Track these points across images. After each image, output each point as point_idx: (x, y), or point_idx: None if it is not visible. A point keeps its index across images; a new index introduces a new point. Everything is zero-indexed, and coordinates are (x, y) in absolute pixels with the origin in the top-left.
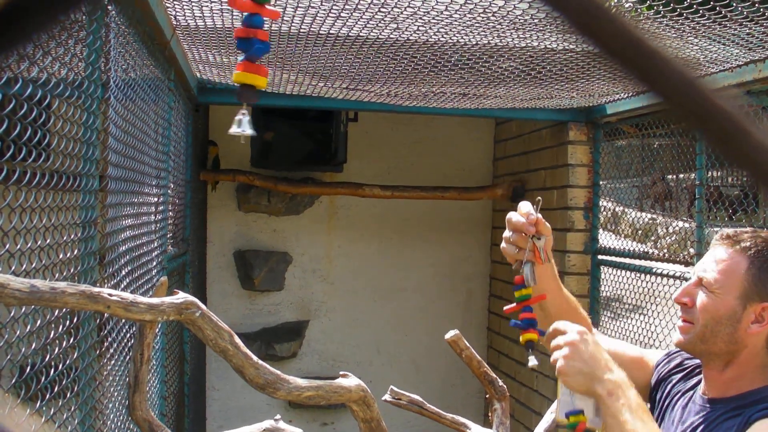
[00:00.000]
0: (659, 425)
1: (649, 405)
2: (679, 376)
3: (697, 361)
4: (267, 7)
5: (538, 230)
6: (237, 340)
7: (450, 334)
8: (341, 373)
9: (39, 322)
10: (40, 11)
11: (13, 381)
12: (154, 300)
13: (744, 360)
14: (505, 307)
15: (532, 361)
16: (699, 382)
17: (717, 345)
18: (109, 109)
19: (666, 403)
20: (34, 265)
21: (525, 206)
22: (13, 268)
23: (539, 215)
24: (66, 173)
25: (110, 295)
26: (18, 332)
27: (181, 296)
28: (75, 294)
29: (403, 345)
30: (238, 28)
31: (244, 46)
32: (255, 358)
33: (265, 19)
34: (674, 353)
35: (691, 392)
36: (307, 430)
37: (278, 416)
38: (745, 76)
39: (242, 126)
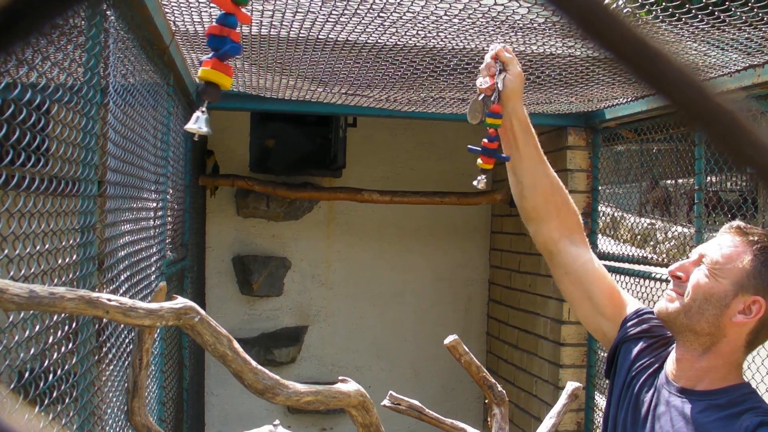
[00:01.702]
0: (612, 392)
1: (605, 367)
2: (644, 344)
3: (661, 331)
4: (242, 10)
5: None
6: (236, 345)
7: (449, 339)
8: (340, 378)
9: (38, 327)
10: (37, 14)
11: (12, 386)
12: (153, 305)
13: (721, 351)
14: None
15: (478, 180)
16: (663, 359)
17: (700, 324)
18: (108, 115)
19: (626, 375)
20: (32, 270)
21: (494, 47)
22: (11, 273)
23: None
24: (65, 178)
25: (109, 300)
26: (17, 338)
27: (180, 301)
28: (74, 299)
29: (403, 350)
30: (212, 25)
31: (216, 43)
32: (254, 363)
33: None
34: (645, 313)
35: (655, 371)
36: None
37: (277, 421)
38: (744, 80)
39: (198, 123)
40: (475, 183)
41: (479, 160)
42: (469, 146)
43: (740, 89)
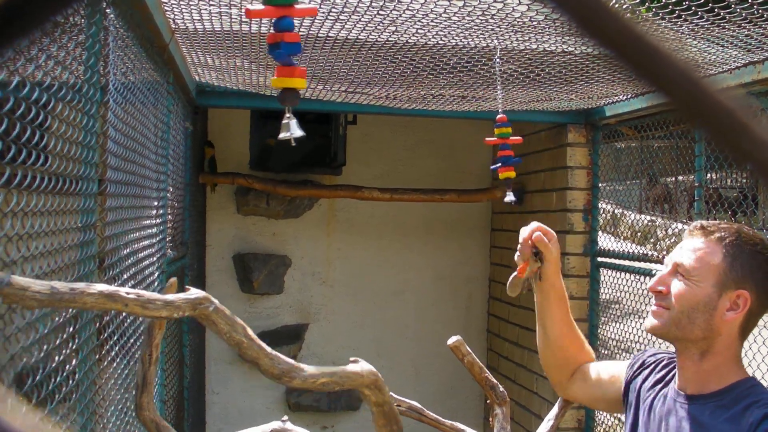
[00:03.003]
0: (633, 426)
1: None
2: (645, 373)
3: (662, 355)
4: (296, 6)
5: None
6: (250, 332)
7: (452, 340)
8: (351, 359)
9: (48, 325)
10: (36, 10)
11: (16, 387)
12: (170, 296)
13: (719, 349)
14: (485, 139)
15: (509, 197)
16: (669, 376)
17: (693, 332)
18: (108, 113)
19: (637, 403)
20: (33, 269)
21: (529, 227)
22: (12, 272)
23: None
24: (65, 176)
25: (127, 293)
26: (20, 340)
27: (194, 292)
28: (94, 294)
29: (403, 348)
30: (270, 33)
31: (273, 51)
32: (269, 348)
33: (294, 20)
34: (637, 357)
35: (663, 388)
36: None
37: (285, 417)
38: (744, 77)
39: (291, 129)
40: (506, 200)
41: (500, 173)
42: (492, 166)
43: (740, 86)
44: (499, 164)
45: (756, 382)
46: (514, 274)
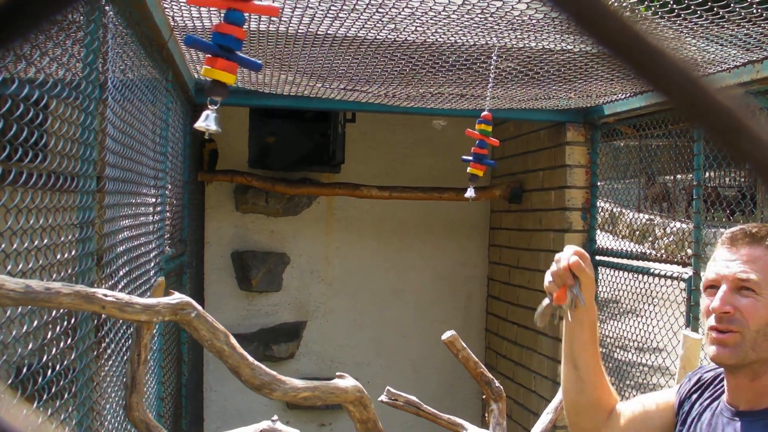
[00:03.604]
0: None
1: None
2: (698, 393)
3: (713, 373)
4: (255, 2)
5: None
6: (233, 340)
7: (446, 335)
8: (338, 374)
9: (36, 322)
10: (35, 10)
11: (10, 381)
12: (150, 300)
13: None
14: (467, 130)
15: (469, 193)
16: (719, 393)
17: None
18: (107, 110)
19: (691, 421)
20: (31, 265)
21: (566, 252)
22: (9, 268)
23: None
24: (63, 174)
25: (105, 295)
26: (14, 333)
27: (177, 297)
28: (70, 294)
29: (402, 346)
30: (219, 23)
31: (220, 40)
32: (251, 358)
33: (245, 16)
34: (693, 374)
35: (715, 403)
36: (304, 431)
37: (275, 417)
38: (743, 76)
39: (207, 121)
40: (467, 195)
41: (469, 168)
42: (462, 157)
43: (739, 85)
44: (471, 158)
45: None
46: (547, 302)
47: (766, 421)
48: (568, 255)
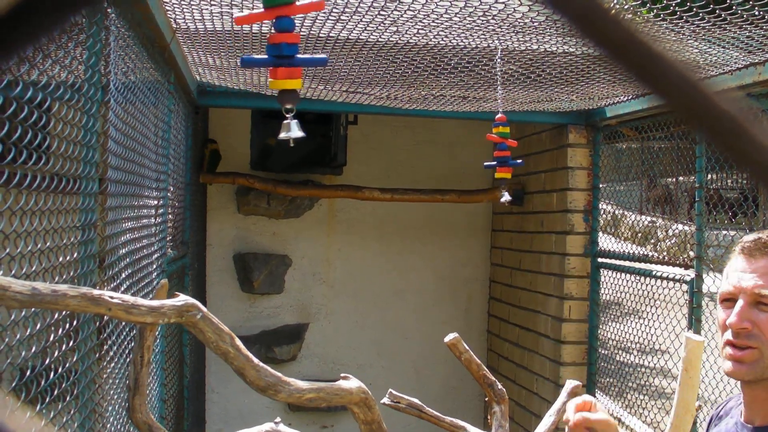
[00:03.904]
0: None
1: None
2: (716, 423)
3: (733, 402)
4: (298, 3)
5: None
6: (238, 342)
7: (449, 337)
8: (342, 375)
9: (39, 325)
10: (43, 16)
11: (14, 384)
12: (155, 302)
13: None
14: (488, 135)
15: (505, 197)
16: (737, 414)
17: None
18: (109, 112)
19: None
20: (34, 268)
21: (571, 408)
22: (13, 271)
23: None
24: (66, 176)
25: (111, 297)
26: (18, 335)
27: (182, 298)
28: (76, 296)
29: (403, 348)
30: (271, 34)
31: (273, 51)
32: (256, 360)
33: (295, 19)
34: (707, 418)
35: (732, 422)
36: None
37: (278, 419)
38: (744, 78)
39: (291, 130)
40: (503, 200)
41: (497, 173)
42: (485, 164)
43: (741, 87)
44: (495, 163)
45: None
46: None
47: None
48: (572, 414)
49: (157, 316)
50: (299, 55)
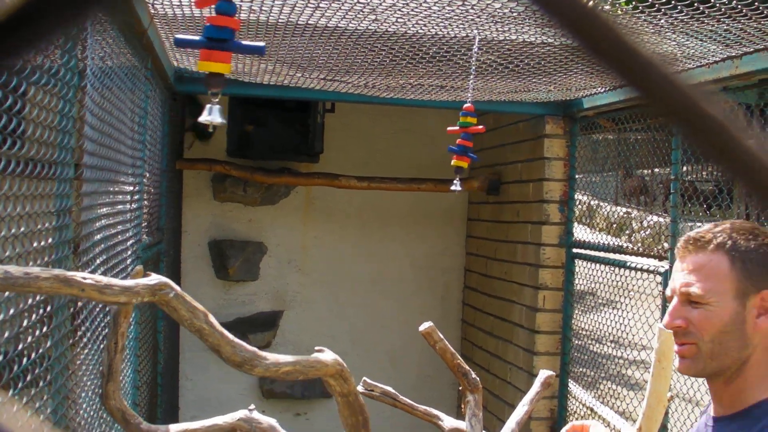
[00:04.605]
0: None
1: None
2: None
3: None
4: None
5: None
6: (212, 319)
7: (424, 326)
8: (317, 348)
9: (12, 310)
10: (47, 19)
11: None
12: (128, 282)
13: (755, 361)
14: (448, 128)
15: (455, 186)
16: (710, 408)
17: (729, 356)
18: (86, 98)
19: None
20: (7, 253)
21: None
22: None
23: None
24: (41, 161)
25: (84, 278)
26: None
27: (155, 278)
28: (49, 278)
29: (379, 337)
30: (210, 15)
31: (213, 33)
32: (231, 336)
33: (236, 5)
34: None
35: (703, 418)
36: (280, 420)
37: (252, 406)
38: (722, 72)
39: (212, 114)
40: (453, 188)
41: (453, 160)
42: (449, 147)
43: (718, 80)
44: (456, 150)
45: None
46: None
47: (741, 422)
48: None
49: (130, 295)
50: (236, 41)
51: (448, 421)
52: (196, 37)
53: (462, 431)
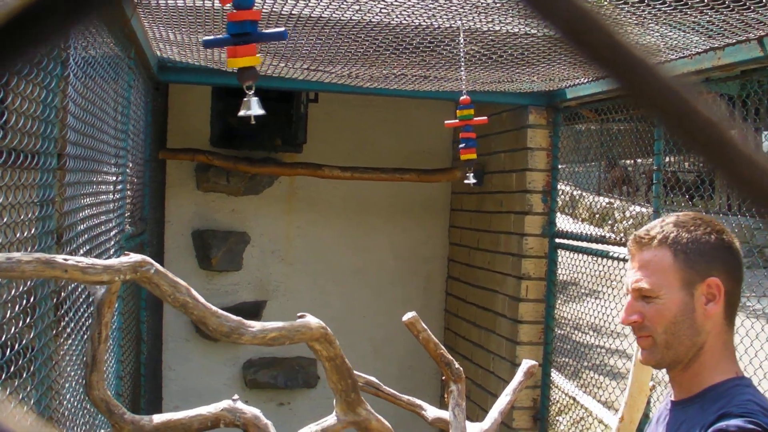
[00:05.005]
0: None
1: None
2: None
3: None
4: None
5: None
6: (194, 293)
7: (407, 316)
8: (299, 314)
9: None
10: (49, 23)
11: None
12: (110, 261)
13: (709, 346)
14: (446, 122)
15: (470, 180)
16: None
17: (683, 344)
18: (69, 87)
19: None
20: None
21: None
22: None
23: None
24: (24, 151)
25: (66, 259)
26: None
27: (135, 255)
28: (31, 261)
29: (362, 327)
30: (230, 12)
31: (234, 29)
32: (215, 308)
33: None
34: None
35: (665, 403)
36: (263, 410)
37: (236, 396)
38: (704, 63)
39: (251, 107)
40: (467, 182)
41: (462, 154)
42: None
43: (700, 72)
44: (463, 145)
45: (738, 383)
46: None
47: (698, 404)
48: None
49: (112, 273)
50: (258, 32)
51: (431, 410)
52: (222, 36)
53: (445, 421)
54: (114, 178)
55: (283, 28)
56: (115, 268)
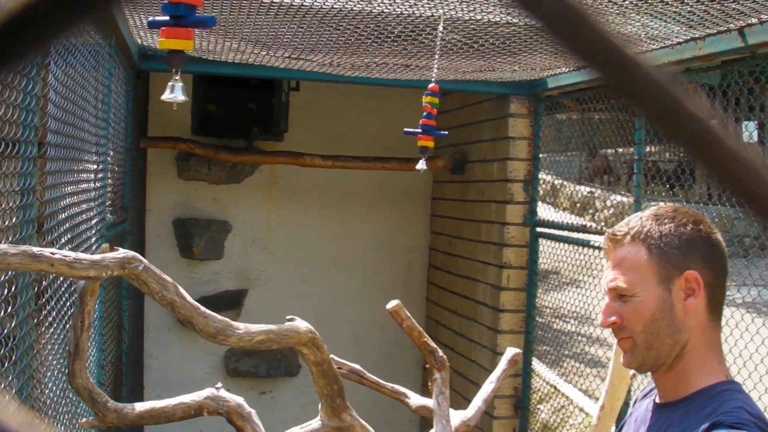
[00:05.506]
0: None
1: None
2: (635, 406)
3: (653, 386)
4: None
5: None
6: (182, 291)
7: (391, 304)
8: (287, 317)
9: None
10: (49, 23)
11: None
12: (97, 256)
13: (693, 344)
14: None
15: (421, 165)
16: (653, 395)
17: (664, 343)
18: (49, 75)
19: (622, 424)
20: None
21: None
22: None
23: None
24: (4, 140)
25: (53, 253)
26: None
27: (123, 251)
28: (17, 254)
29: (344, 315)
30: None
31: (170, 10)
32: (202, 308)
33: None
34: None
35: (647, 402)
36: (245, 399)
37: (219, 384)
38: (685, 53)
39: (175, 92)
40: (418, 167)
41: (419, 140)
42: (405, 129)
43: (681, 62)
44: (419, 131)
45: (728, 387)
46: None
47: (685, 408)
48: None
49: (99, 269)
50: (190, 16)
51: (415, 398)
52: (164, 18)
53: (429, 409)
54: (95, 167)
55: (211, 15)
56: (103, 263)
